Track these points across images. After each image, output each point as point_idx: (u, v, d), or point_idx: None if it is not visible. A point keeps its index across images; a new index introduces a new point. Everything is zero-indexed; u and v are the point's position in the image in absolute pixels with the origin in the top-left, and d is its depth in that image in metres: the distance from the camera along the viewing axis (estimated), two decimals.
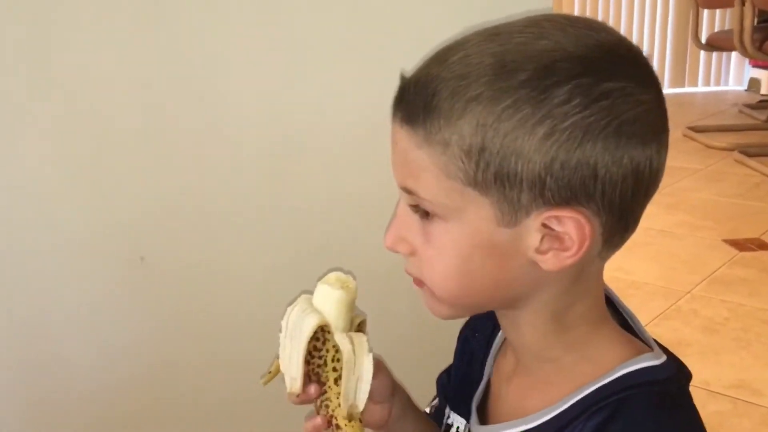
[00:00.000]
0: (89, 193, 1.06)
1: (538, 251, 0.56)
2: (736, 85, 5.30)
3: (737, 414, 1.64)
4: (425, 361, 0.89)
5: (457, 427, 0.72)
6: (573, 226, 0.55)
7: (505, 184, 0.54)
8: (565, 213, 0.54)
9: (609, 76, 0.53)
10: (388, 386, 0.75)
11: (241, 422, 1.20)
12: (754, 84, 5.14)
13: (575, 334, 0.61)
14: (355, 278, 0.71)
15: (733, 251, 2.50)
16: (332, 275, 0.71)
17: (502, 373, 0.69)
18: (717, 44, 3.97)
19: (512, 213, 0.55)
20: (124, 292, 1.10)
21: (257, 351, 1.17)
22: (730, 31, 3.69)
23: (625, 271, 2.31)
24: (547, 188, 0.54)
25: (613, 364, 0.60)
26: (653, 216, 2.77)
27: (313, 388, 0.68)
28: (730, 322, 2.05)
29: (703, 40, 4.08)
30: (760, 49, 3.40)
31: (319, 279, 0.71)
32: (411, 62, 0.60)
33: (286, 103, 1.12)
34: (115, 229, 1.07)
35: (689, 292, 2.22)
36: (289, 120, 1.13)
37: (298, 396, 0.68)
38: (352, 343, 0.68)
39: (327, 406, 0.69)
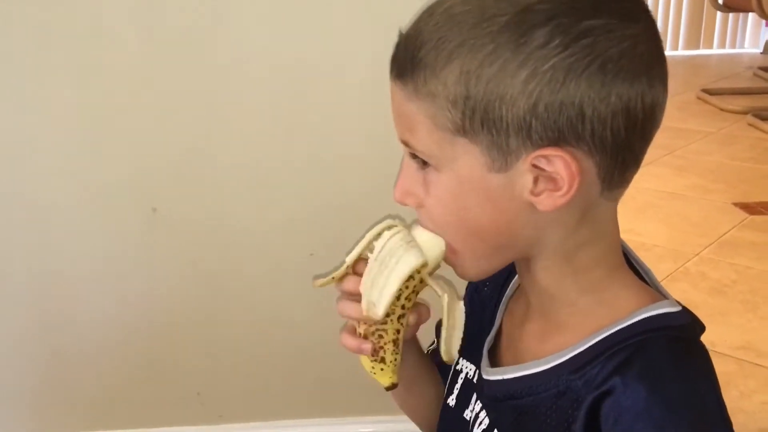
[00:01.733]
0: (102, 146, 1.06)
1: (533, 193, 0.57)
2: (751, 47, 5.23)
3: (743, 375, 1.65)
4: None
5: (467, 373, 0.73)
6: (561, 165, 0.55)
7: (492, 130, 0.55)
8: (552, 152, 0.55)
9: (590, 14, 0.53)
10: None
11: (252, 369, 1.22)
12: None
13: (591, 277, 0.62)
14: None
15: (744, 214, 2.49)
16: None
17: (515, 318, 0.69)
18: (734, 5, 3.91)
19: (502, 158, 0.56)
20: (137, 243, 1.11)
21: (267, 300, 1.18)
22: None
23: (635, 233, 2.30)
24: (533, 130, 0.54)
25: (630, 309, 0.60)
26: (664, 178, 2.76)
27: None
28: (737, 285, 2.05)
29: (720, 1, 4.02)
30: None
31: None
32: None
33: (296, 57, 1.12)
34: (128, 181, 1.08)
35: (698, 254, 2.22)
36: (299, 73, 1.12)
37: (377, 322, 0.66)
38: (446, 291, 0.66)
39: (381, 337, 0.67)
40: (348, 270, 0.68)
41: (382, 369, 0.68)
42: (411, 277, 0.65)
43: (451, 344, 0.68)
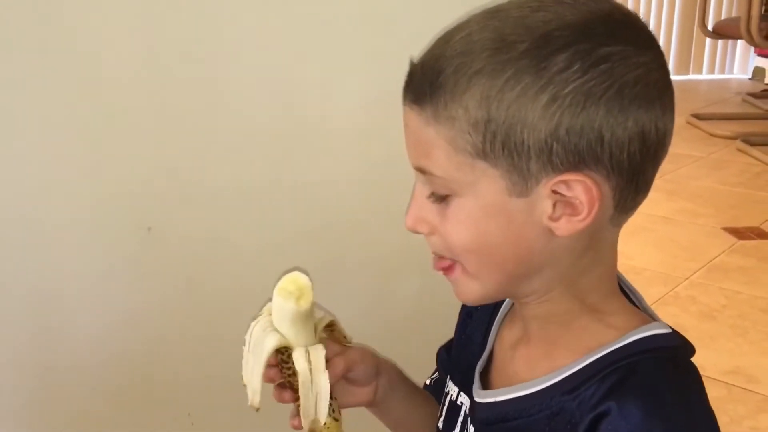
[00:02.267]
0: (96, 164, 1.06)
1: (551, 218, 0.57)
2: (740, 73, 5.29)
3: (732, 400, 1.66)
4: (429, 338, 0.90)
5: (451, 395, 0.74)
6: (582, 190, 0.56)
7: (513, 154, 0.55)
8: (572, 177, 0.55)
9: (607, 41, 0.55)
10: (371, 372, 0.77)
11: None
12: (758, 73, 5.13)
13: (587, 301, 0.62)
14: (311, 278, 0.69)
15: (733, 239, 2.51)
16: (288, 280, 0.69)
17: (507, 342, 0.70)
18: (723, 32, 3.96)
19: (523, 182, 0.56)
20: (131, 262, 1.11)
21: None
22: (737, 19, 3.67)
23: (625, 257, 2.31)
24: (554, 154, 0.55)
25: (623, 331, 0.61)
26: (654, 202, 2.78)
27: (287, 395, 0.72)
28: (727, 310, 2.06)
29: (710, 27, 4.07)
30: (766, 38, 3.40)
31: (278, 279, 0.70)
32: (422, 42, 0.60)
33: (294, 78, 1.12)
34: (122, 200, 1.08)
35: (688, 278, 2.24)
36: (297, 94, 1.13)
37: (258, 409, 0.71)
38: (308, 360, 0.68)
39: (299, 409, 0.71)
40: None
41: None
42: (281, 353, 0.68)
43: (318, 413, 0.69)
